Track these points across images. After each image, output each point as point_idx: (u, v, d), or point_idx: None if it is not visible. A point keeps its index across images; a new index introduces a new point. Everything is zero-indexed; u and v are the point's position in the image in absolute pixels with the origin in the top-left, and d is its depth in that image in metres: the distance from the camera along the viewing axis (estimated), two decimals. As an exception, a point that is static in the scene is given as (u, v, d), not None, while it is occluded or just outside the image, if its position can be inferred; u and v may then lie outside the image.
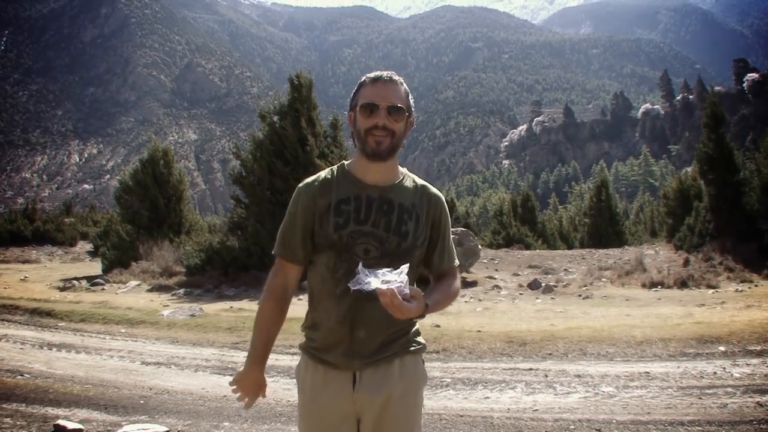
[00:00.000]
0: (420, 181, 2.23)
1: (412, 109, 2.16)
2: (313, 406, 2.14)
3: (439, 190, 2.25)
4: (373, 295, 1.83)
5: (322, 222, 2.09)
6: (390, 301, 1.80)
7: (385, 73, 2.12)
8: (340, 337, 2.08)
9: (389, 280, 1.83)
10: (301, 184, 2.20)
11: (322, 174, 2.19)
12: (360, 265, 1.87)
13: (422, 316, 1.94)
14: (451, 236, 2.36)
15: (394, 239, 2.07)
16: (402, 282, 1.84)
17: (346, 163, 2.22)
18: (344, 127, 15.64)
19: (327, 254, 2.09)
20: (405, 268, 1.87)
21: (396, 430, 2.11)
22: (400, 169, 2.20)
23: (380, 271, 1.85)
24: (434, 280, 2.24)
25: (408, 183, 2.19)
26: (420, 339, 2.23)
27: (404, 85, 2.15)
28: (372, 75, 2.13)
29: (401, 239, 2.08)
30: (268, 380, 2.26)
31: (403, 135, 2.14)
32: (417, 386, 2.18)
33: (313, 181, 2.18)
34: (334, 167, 2.21)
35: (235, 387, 2.21)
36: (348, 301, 2.04)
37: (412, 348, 2.18)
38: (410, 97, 2.16)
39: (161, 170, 18.67)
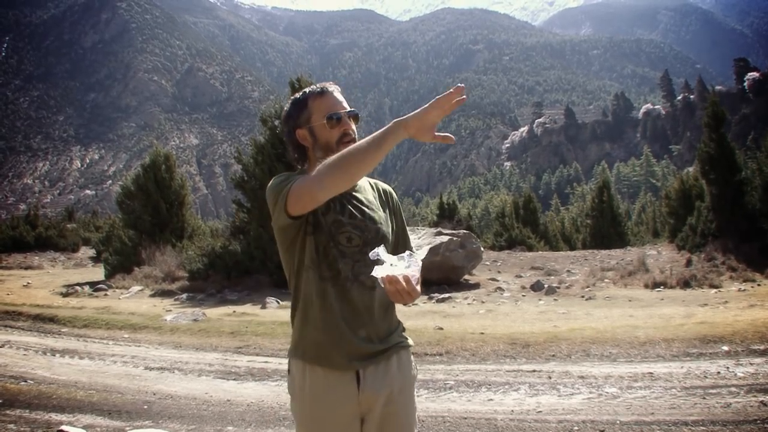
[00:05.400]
0: (371, 179, 2.33)
1: None
2: (316, 412, 2.08)
3: (441, 193, 2.32)
4: (366, 289, 1.85)
5: None
6: (403, 288, 1.83)
7: (328, 85, 2.19)
8: (339, 332, 2.05)
9: (408, 264, 1.86)
10: (281, 174, 2.16)
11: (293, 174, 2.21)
12: (378, 251, 1.87)
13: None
14: (455, 237, 2.40)
15: (372, 227, 2.14)
16: (418, 266, 1.88)
17: (303, 169, 2.25)
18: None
19: (318, 237, 2.08)
20: (424, 252, 1.91)
21: (399, 424, 2.13)
22: None
23: (396, 257, 1.88)
24: None
25: (362, 181, 2.26)
26: (407, 335, 2.29)
27: None
28: (316, 89, 2.18)
29: (378, 226, 2.15)
30: (272, 385, 2.26)
31: None
32: (412, 380, 2.22)
33: (291, 174, 2.17)
34: (297, 171, 2.23)
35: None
36: (343, 292, 2.06)
37: (404, 343, 2.22)
38: None
39: (163, 175, 18.67)
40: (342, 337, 2.05)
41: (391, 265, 1.85)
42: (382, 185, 2.33)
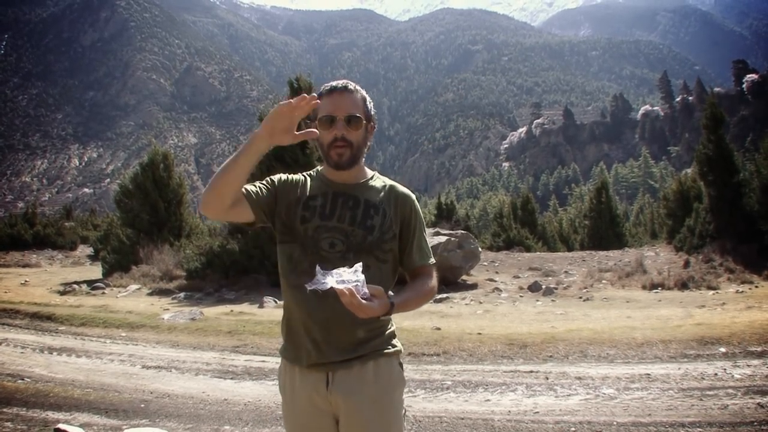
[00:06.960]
0: (389, 182, 2.26)
1: (372, 113, 2.19)
2: (292, 408, 2.16)
3: (439, 193, 2.27)
4: (335, 294, 1.82)
5: (289, 213, 2.14)
6: (350, 301, 1.79)
7: (340, 83, 2.15)
8: (308, 337, 2.09)
9: (346, 279, 1.82)
10: (281, 174, 2.24)
11: (298, 174, 2.26)
12: (317, 266, 1.85)
13: (388, 313, 1.93)
14: (452, 237, 2.36)
15: (360, 233, 2.09)
16: (359, 281, 1.82)
17: (320, 168, 2.27)
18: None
19: (291, 246, 2.11)
20: (359, 266, 1.86)
21: None
22: (368, 170, 2.26)
23: (336, 271, 1.83)
24: (409, 278, 2.24)
25: (376, 182, 2.22)
26: (396, 342, 2.21)
27: (361, 91, 2.17)
28: (328, 86, 2.16)
29: (367, 233, 2.10)
30: (269, 384, 2.26)
31: (364, 142, 2.17)
32: (392, 389, 2.16)
33: (291, 175, 2.25)
34: (310, 171, 2.28)
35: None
36: (311, 298, 2.01)
37: (386, 350, 2.16)
38: (368, 102, 2.19)
39: (161, 174, 18.66)
40: (313, 341, 2.08)
41: (327, 279, 1.82)
42: (399, 190, 2.23)
